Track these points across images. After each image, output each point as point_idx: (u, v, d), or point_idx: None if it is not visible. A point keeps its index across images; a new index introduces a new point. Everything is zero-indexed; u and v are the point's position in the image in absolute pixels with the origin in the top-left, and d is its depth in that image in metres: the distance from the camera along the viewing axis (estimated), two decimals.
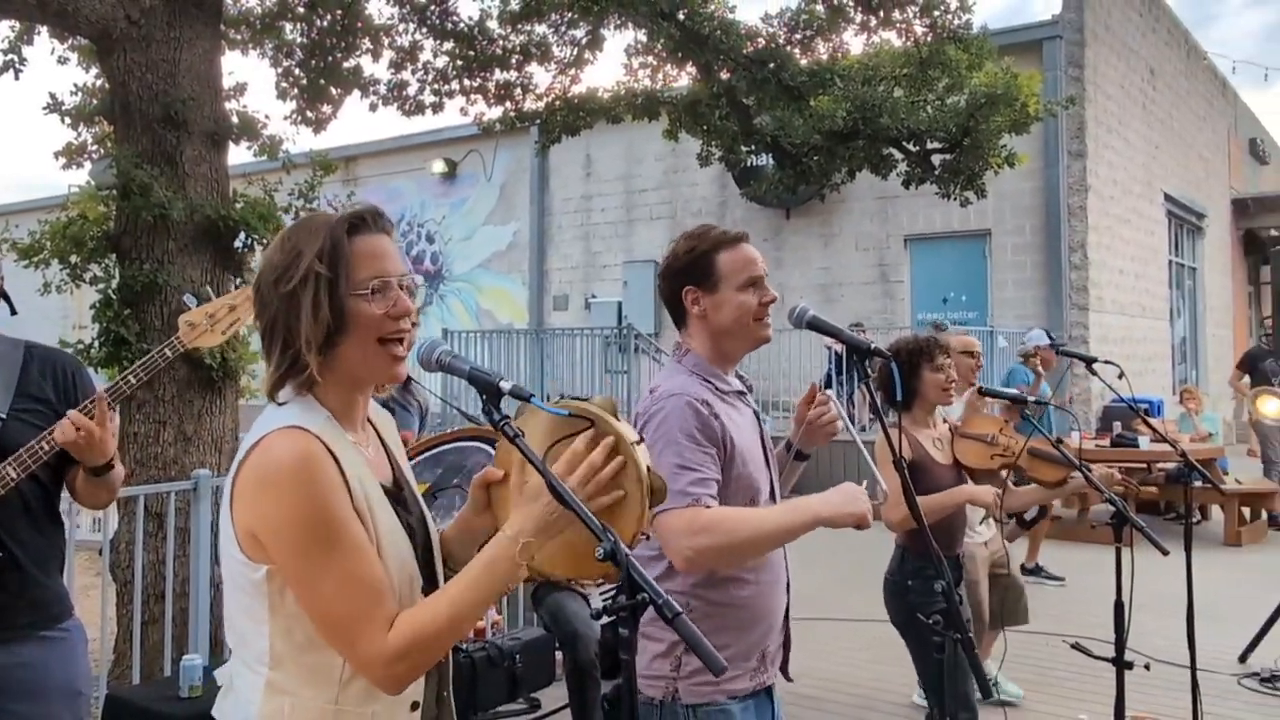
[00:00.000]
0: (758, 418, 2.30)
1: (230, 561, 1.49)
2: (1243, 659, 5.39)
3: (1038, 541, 7.53)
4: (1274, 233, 20.85)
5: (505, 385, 1.60)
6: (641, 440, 1.61)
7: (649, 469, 1.56)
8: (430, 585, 1.58)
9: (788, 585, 2.26)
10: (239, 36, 9.27)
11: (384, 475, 1.61)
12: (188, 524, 4.49)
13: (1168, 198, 16.16)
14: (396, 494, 1.60)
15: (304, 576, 1.41)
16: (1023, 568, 7.26)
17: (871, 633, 5.51)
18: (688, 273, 2.22)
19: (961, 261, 13.79)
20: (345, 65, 10.27)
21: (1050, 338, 6.93)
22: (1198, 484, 4.25)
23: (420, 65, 11.25)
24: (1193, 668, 3.75)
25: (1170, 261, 16.61)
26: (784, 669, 2.27)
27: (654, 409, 2.09)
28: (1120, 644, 3.16)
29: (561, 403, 1.59)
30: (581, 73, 11.35)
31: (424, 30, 10.98)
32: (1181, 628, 3.84)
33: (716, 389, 2.16)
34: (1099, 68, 13.51)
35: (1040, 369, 7.33)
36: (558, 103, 11.51)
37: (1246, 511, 9.16)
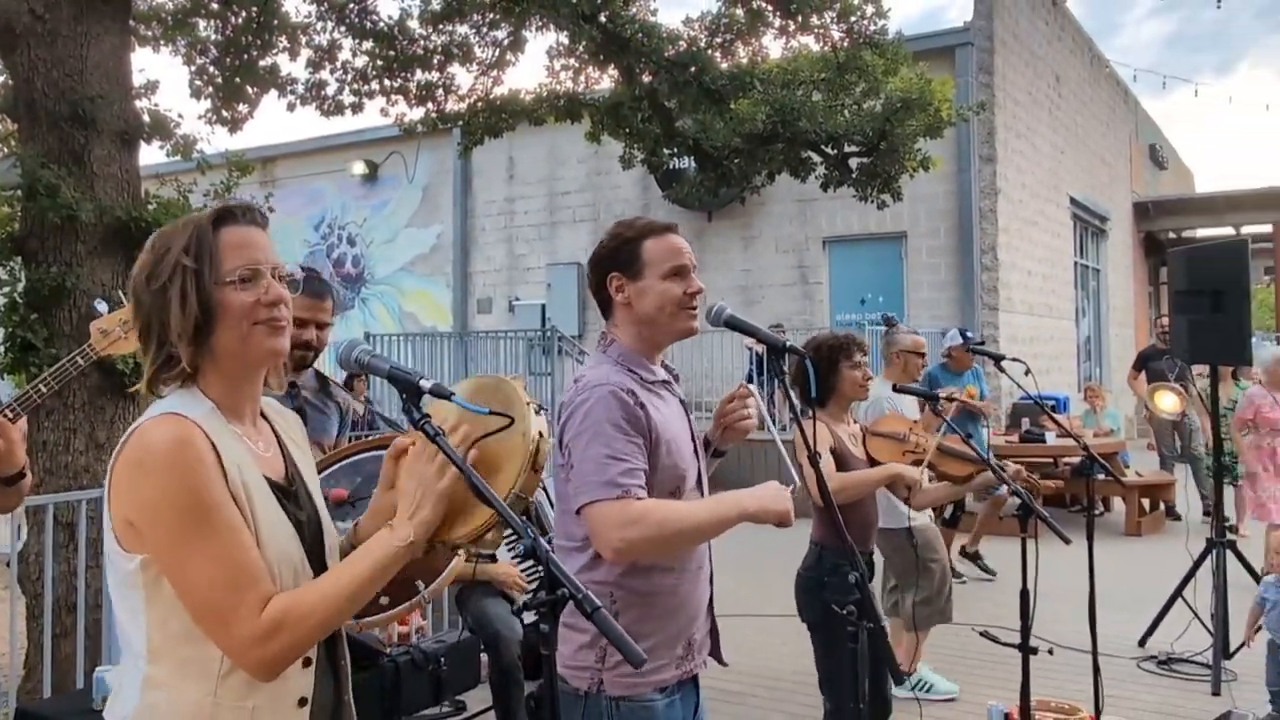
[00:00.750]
0: (684, 406, 2.29)
1: (110, 556, 1.48)
2: (1142, 643, 5.60)
3: (981, 529, 7.63)
4: (1172, 235, 21.69)
5: (425, 384, 1.60)
6: (541, 408, 1.67)
7: (540, 433, 1.62)
8: None
9: (710, 575, 2.27)
10: (149, 33, 9.02)
11: (275, 470, 1.60)
12: (100, 534, 4.36)
13: (1073, 201, 16.69)
14: (286, 489, 1.59)
15: (176, 558, 1.40)
16: (963, 550, 7.43)
17: (792, 627, 5.60)
18: (613, 259, 2.21)
19: (878, 263, 14.07)
20: (261, 64, 10.06)
21: (965, 337, 7.08)
22: (1100, 477, 4.41)
23: (339, 65, 11.07)
24: (1094, 652, 3.89)
25: (1075, 263, 17.15)
26: (717, 656, 2.29)
27: (579, 399, 2.06)
28: (1025, 631, 3.27)
29: (481, 381, 1.64)
30: (504, 74, 11.29)
31: (343, 29, 10.81)
32: (1085, 615, 3.98)
33: (642, 379, 2.15)
34: (1008, 74, 13.90)
35: (953, 369, 7.48)
36: (480, 104, 11.43)
37: (1146, 503, 9.51)
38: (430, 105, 11.44)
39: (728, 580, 7.09)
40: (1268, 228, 20.90)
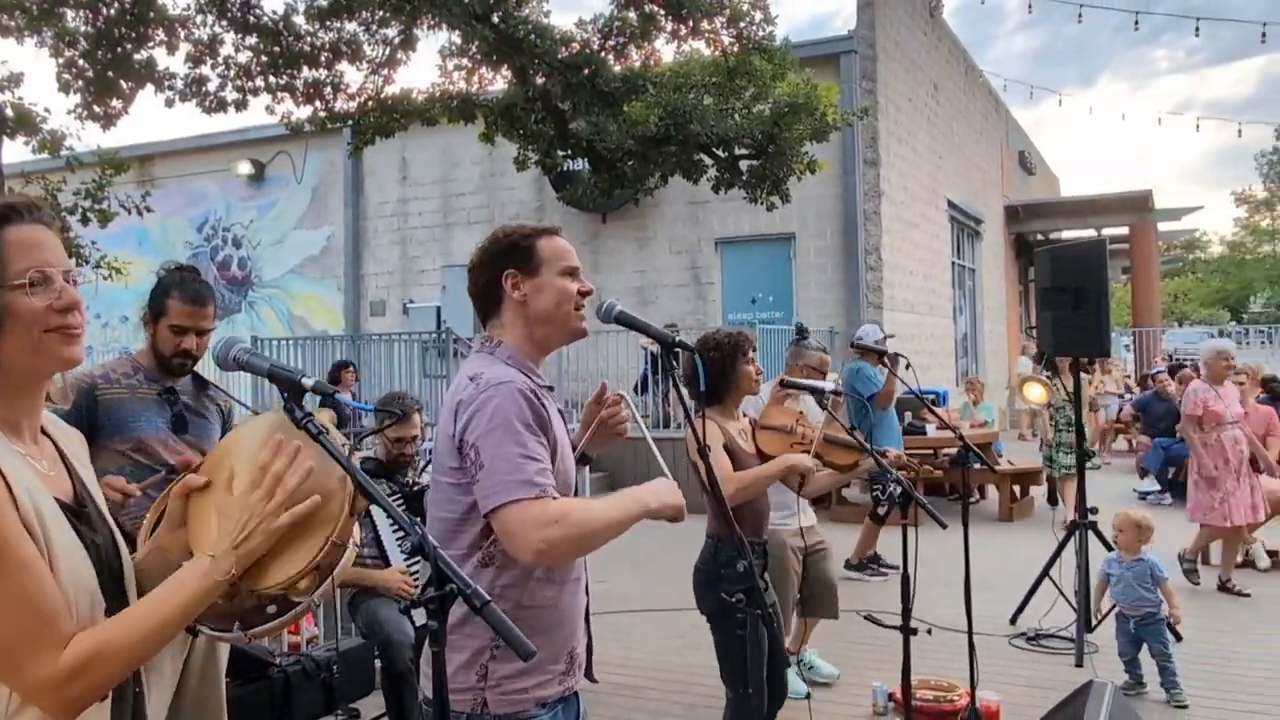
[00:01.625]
0: (561, 415, 2.26)
1: None
2: (1013, 621, 5.84)
3: (867, 540, 7.71)
4: (1040, 236, 22.66)
5: (308, 381, 1.55)
6: (356, 448, 1.59)
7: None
8: (119, 608, 1.44)
9: (586, 585, 2.22)
10: (12, 23, 8.56)
11: (62, 490, 1.47)
12: None
13: (950, 204, 17.28)
14: (78, 510, 1.47)
15: None
16: (848, 563, 7.52)
17: (688, 621, 5.65)
18: (509, 255, 2.16)
19: (769, 263, 14.31)
20: (136, 57, 9.66)
21: (884, 333, 7.20)
22: (976, 466, 4.59)
23: (221, 60, 10.73)
24: (970, 632, 4.03)
25: (953, 263, 17.76)
26: (588, 672, 2.22)
27: (483, 396, 1.97)
28: (906, 614, 3.38)
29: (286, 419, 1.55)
30: (395, 73, 11.12)
31: (224, 23, 10.47)
32: (961, 597, 4.12)
33: (533, 381, 2.10)
34: (889, 81, 14.31)
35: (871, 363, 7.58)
36: (370, 103, 11.22)
37: (1017, 489, 9.92)
38: (318, 104, 11.18)
39: (623, 578, 7.14)
40: (1125, 229, 22.02)
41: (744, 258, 14.45)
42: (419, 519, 4.17)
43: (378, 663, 4.27)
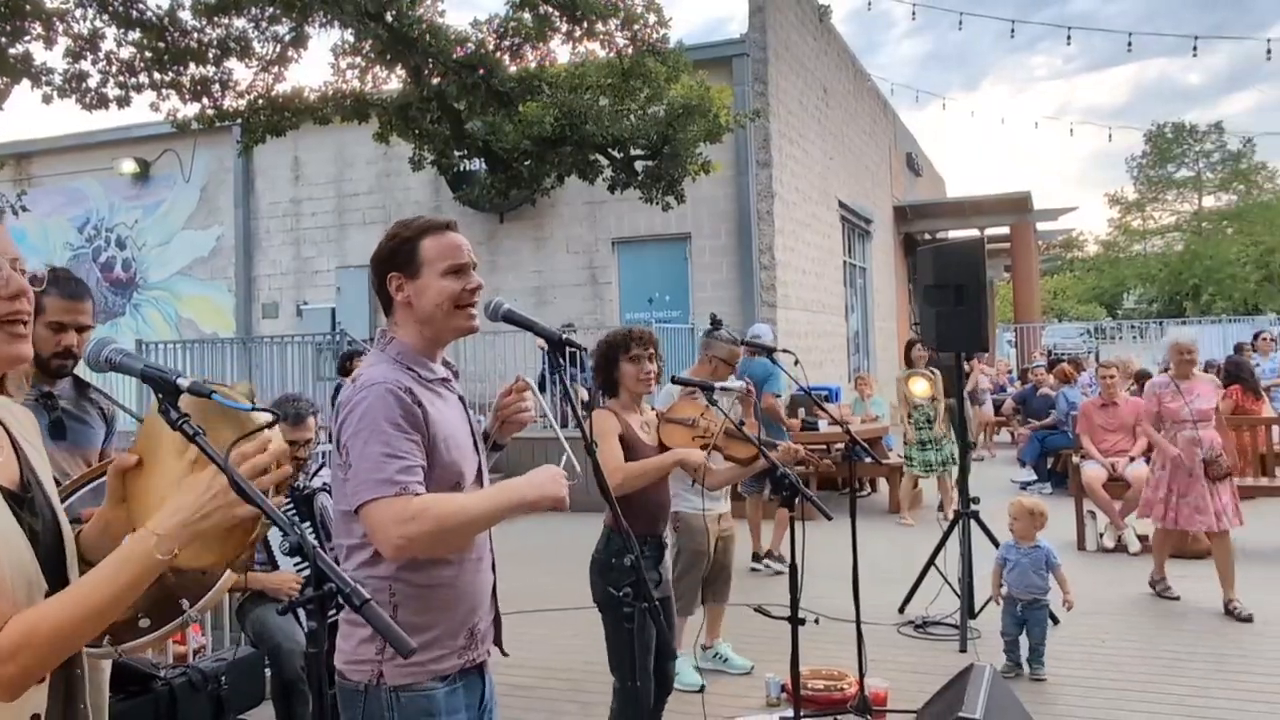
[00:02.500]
0: (464, 403, 2.29)
1: None
2: (901, 610, 6.01)
3: (780, 531, 7.78)
4: (927, 236, 23.37)
5: (183, 382, 1.52)
6: (274, 423, 1.59)
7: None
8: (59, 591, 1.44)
9: (493, 564, 2.27)
10: None
11: (8, 477, 1.46)
12: None
13: (841, 204, 17.67)
14: (20, 497, 1.46)
15: None
16: (759, 555, 7.65)
17: (582, 619, 5.66)
18: (392, 259, 2.20)
19: (665, 263, 14.41)
20: (11, 51, 9.22)
21: (774, 334, 7.36)
22: (866, 460, 4.71)
23: (103, 55, 10.33)
24: (858, 621, 4.14)
25: (845, 262, 18.17)
26: (499, 645, 2.29)
27: (356, 398, 2.05)
28: (794, 604, 3.45)
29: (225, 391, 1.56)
30: (286, 71, 10.87)
31: (105, 17, 10.08)
32: (850, 588, 4.23)
33: (420, 377, 2.14)
34: (781, 84, 14.55)
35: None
36: (260, 101, 10.94)
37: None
38: (206, 101, 10.85)
39: (516, 576, 7.09)
40: (1006, 229, 22.87)
41: (640, 258, 14.52)
42: (309, 522, 4.09)
43: (268, 671, 4.16)
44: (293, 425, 4.00)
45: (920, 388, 8.72)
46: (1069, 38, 16.32)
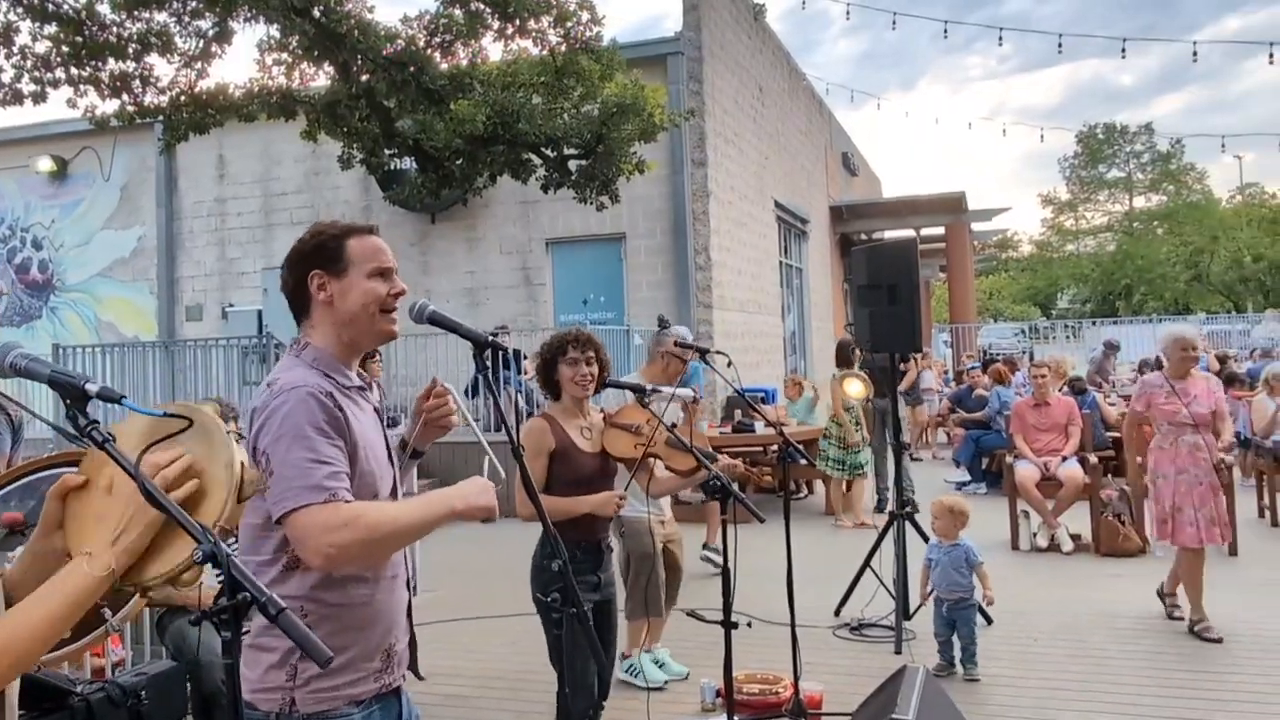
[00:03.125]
0: (379, 414, 2.25)
1: None
2: (837, 612, 6.05)
3: (715, 522, 7.78)
4: (863, 236, 23.70)
5: (92, 387, 1.49)
6: (242, 437, 1.59)
7: (243, 464, 1.55)
8: None
9: (409, 582, 2.23)
10: None
11: None
12: None
13: (777, 204, 17.84)
14: None
15: None
16: (705, 546, 7.71)
17: (520, 626, 5.64)
18: (316, 256, 2.14)
19: (600, 264, 14.41)
20: None
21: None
22: (804, 462, 4.75)
23: (17, 50, 10.05)
24: (792, 624, 4.17)
25: (781, 262, 18.35)
26: (414, 668, 2.24)
27: (274, 403, 1.98)
28: (727, 608, 3.47)
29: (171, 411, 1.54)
30: (210, 67, 10.65)
31: (20, 10, 9.80)
32: (785, 590, 4.26)
33: (337, 383, 2.09)
34: (716, 83, 14.64)
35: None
36: (183, 98, 10.72)
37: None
38: (126, 98, 10.61)
39: (455, 585, 7.04)
40: (941, 229, 23.31)
41: (575, 258, 14.50)
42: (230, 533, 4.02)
43: (189, 685, 4.07)
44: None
45: (855, 389, 8.83)
46: (1000, 38, 16.70)
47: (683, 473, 3.82)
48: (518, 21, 10.18)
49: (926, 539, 5.50)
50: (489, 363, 2.38)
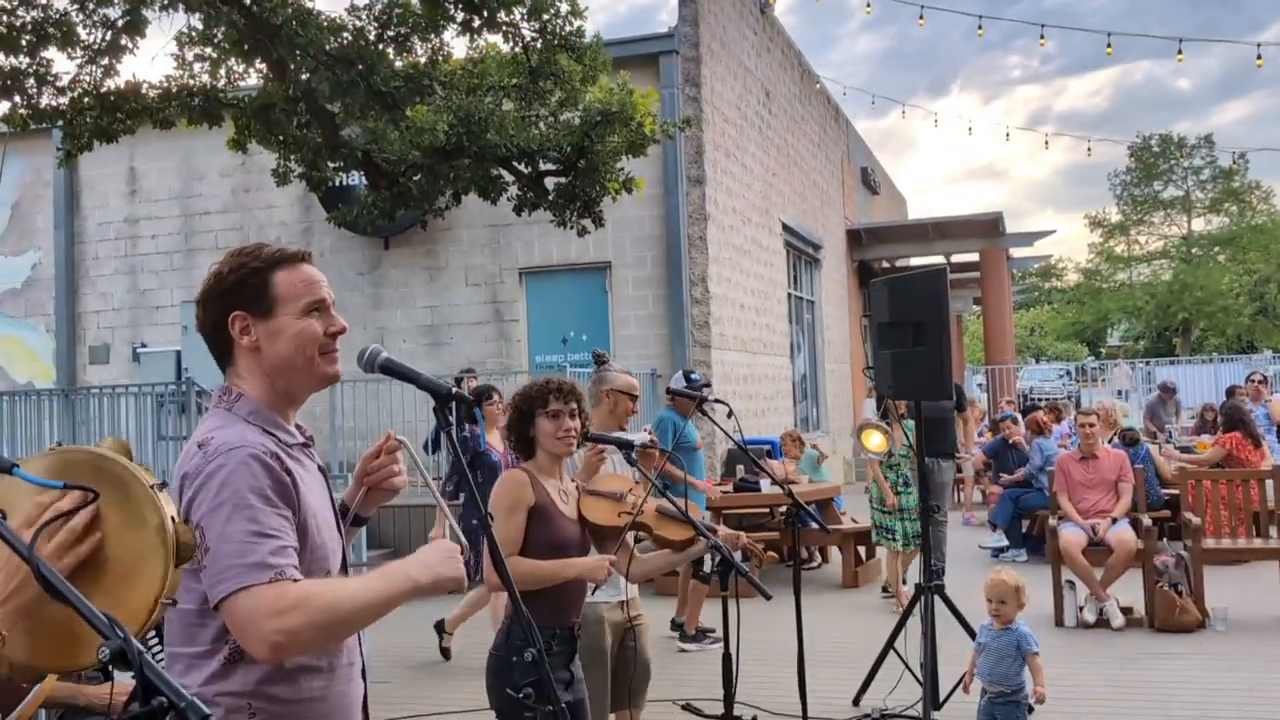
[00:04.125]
0: (323, 474, 2.25)
1: None
2: (856, 701, 6.04)
3: (697, 604, 7.75)
4: (885, 264, 23.87)
5: None
6: (164, 485, 1.58)
7: (174, 518, 1.55)
8: None
9: (363, 670, 2.24)
10: None
11: None
12: None
13: (786, 228, 18.00)
14: None
15: None
16: (680, 630, 7.67)
17: None
18: (236, 294, 2.14)
19: (581, 297, 14.46)
20: None
21: (689, 379, 7.43)
22: (816, 527, 4.75)
23: None
24: (804, 717, 4.16)
25: (790, 295, 18.48)
26: None
27: (210, 467, 1.96)
28: (729, 699, 3.46)
29: (67, 455, 1.55)
30: (119, 63, 10.68)
31: None
32: (795, 676, 4.25)
33: (280, 440, 2.09)
34: (715, 87, 14.82)
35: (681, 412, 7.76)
36: (87, 99, 10.74)
37: (863, 551, 10.32)
38: (18, 99, 10.61)
39: (405, 676, 6.97)
40: (975, 256, 23.49)
41: (553, 291, 14.56)
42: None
43: None
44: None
45: (875, 441, 8.85)
46: (1042, 35, 16.99)
47: (676, 545, 3.80)
48: (485, 13, 10.26)
49: (962, 618, 5.49)
50: (452, 417, 2.39)
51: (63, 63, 10.22)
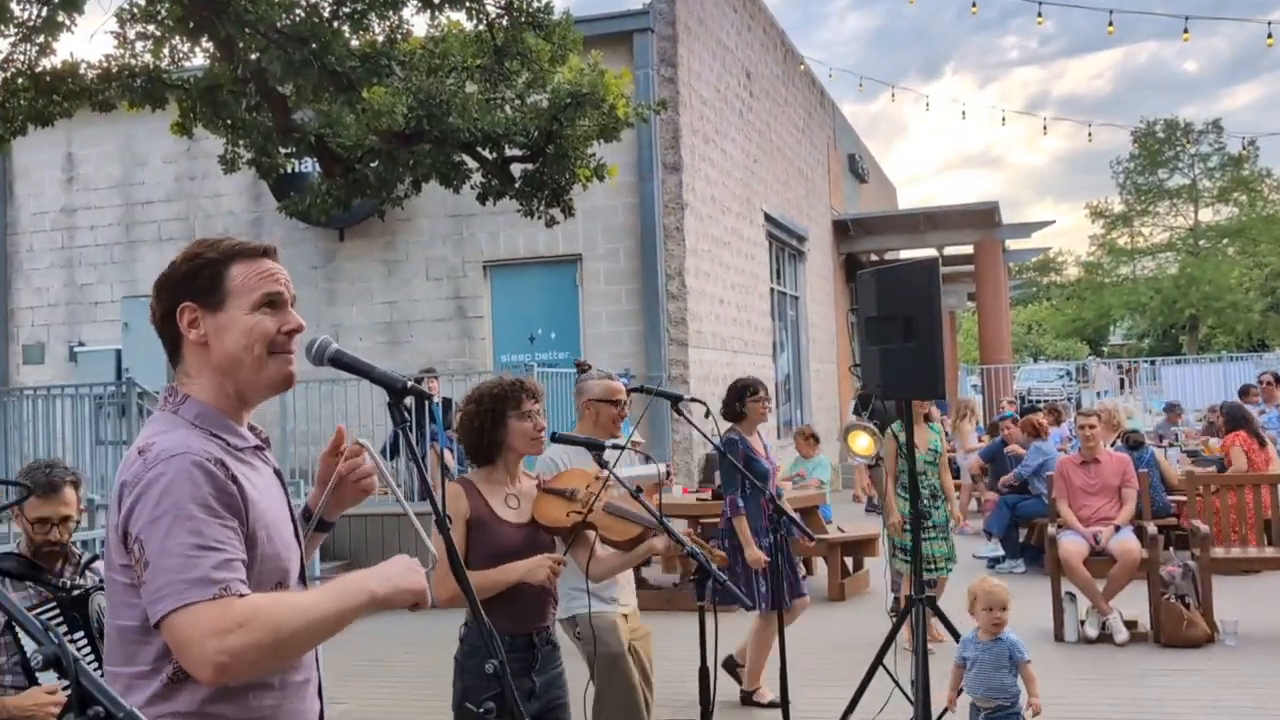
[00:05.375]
0: (279, 478, 2.26)
1: None
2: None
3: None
4: (874, 257, 23.95)
5: None
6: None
7: None
8: None
9: (320, 686, 2.24)
10: None
11: None
12: None
13: (768, 218, 18.05)
14: None
15: None
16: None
17: None
18: (187, 285, 2.14)
19: (550, 292, 14.46)
20: None
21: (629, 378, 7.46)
22: (801, 536, 4.77)
23: None
24: None
25: (772, 290, 18.53)
26: None
27: (150, 475, 1.96)
28: (707, 715, 3.48)
29: None
30: (55, 41, 10.63)
31: None
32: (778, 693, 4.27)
33: (229, 445, 2.09)
34: (693, 67, 14.84)
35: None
36: (21, 80, 10.68)
37: (850, 562, 10.36)
38: None
39: (364, 693, 6.96)
40: (970, 248, 23.60)
41: (519, 285, 14.55)
42: (83, 632, 3.96)
43: None
44: (44, 497, 3.88)
45: (862, 444, 8.89)
46: (1040, 13, 17.07)
47: (623, 545, 3.84)
48: None
49: (956, 633, 5.52)
50: (409, 413, 2.39)
51: None
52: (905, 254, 24.42)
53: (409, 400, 2.30)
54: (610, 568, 4.08)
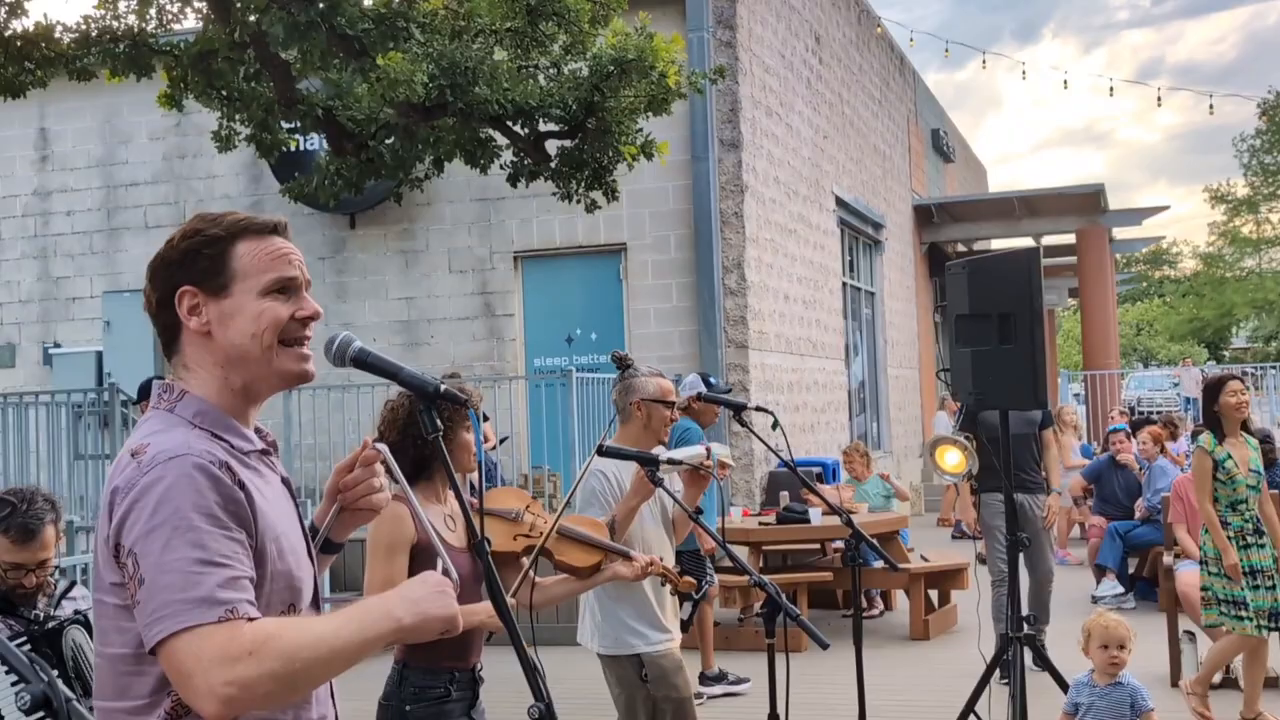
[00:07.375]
0: (288, 487, 2.25)
1: None
2: None
3: (708, 643, 7.99)
4: (961, 247, 23.80)
5: None
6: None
7: None
8: None
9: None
10: None
11: None
12: None
13: (840, 202, 17.97)
14: None
15: None
16: (702, 676, 7.75)
17: None
18: (186, 266, 2.13)
19: (590, 287, 14.42)
20: None
21: (708, 384, 7.44)
22: (876, 564, 4.76)
23: None
24: None
25: (845, 284, 18.45)
26: None
27: (145, 480, 1.95)
28: None
29: None
30: (28, 2, 10.76)
31: None
32: None
33: (233, 448, 2.09)
34: (754, 30, 14.79)
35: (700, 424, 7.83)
36: None
37: (935, 595, 10.27)
38: None
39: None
40: (1071, 237, 23.40)
41: (555, 279, 14.55)
42: (57, 670, 4.00)
43: None
44: (18, 543, 3.87)
45: (952, 460, 8.81)
46: None
47: (579, 571, 3.93)
48: None
49: (1058, 676, 5.48)
50: (441, 422, 2.40)
51: None
52: (997, 244, 24.25)
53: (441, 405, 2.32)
54: (556, 596, 4.15)
